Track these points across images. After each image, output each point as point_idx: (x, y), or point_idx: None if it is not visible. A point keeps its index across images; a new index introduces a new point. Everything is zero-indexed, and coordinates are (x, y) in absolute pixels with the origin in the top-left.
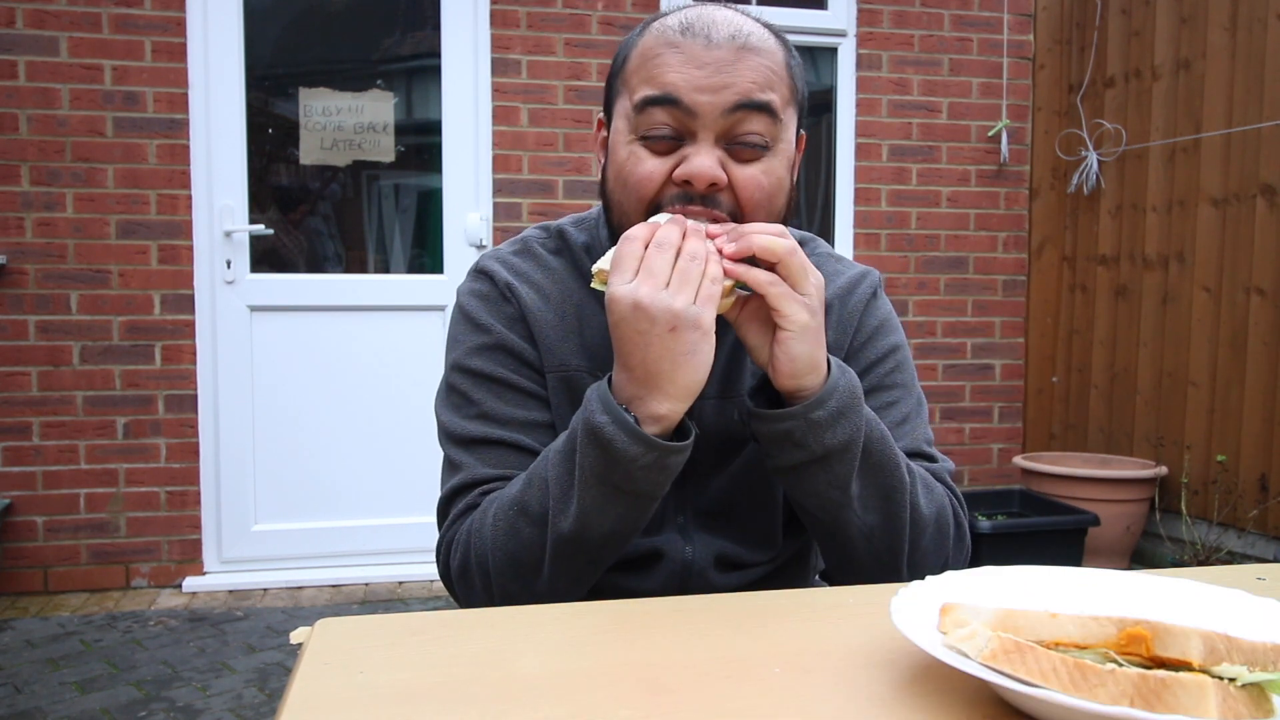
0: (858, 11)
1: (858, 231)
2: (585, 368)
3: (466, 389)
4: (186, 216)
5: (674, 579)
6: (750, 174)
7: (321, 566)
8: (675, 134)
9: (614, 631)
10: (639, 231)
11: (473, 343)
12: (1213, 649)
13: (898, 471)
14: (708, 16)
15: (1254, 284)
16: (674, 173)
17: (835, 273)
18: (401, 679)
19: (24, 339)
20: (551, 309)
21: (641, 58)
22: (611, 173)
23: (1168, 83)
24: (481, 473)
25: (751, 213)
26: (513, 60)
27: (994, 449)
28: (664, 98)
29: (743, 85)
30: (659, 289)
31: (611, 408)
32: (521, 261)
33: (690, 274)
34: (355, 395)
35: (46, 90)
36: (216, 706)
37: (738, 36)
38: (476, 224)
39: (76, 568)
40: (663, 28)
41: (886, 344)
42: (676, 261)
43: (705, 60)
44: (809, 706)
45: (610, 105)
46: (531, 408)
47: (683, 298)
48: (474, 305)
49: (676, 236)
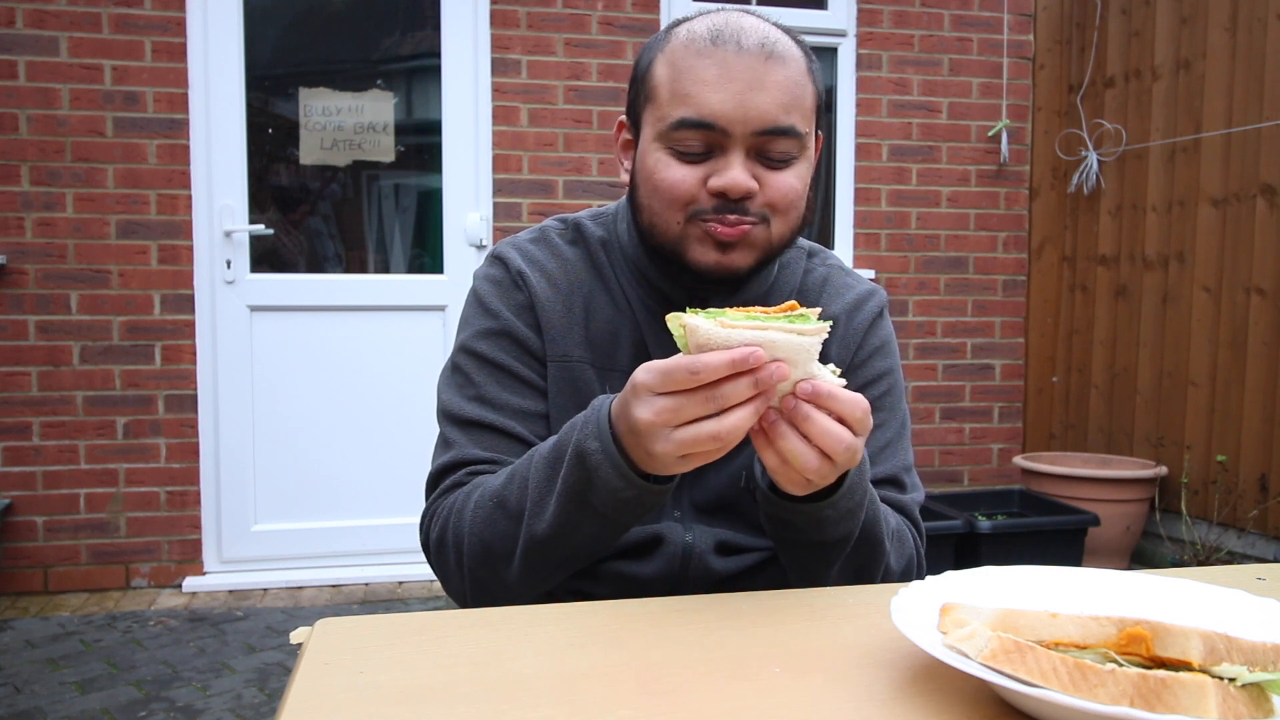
0: (858, 11)
1: (858, 231)
2: (587, 359)
3: (469, 370)
4: (186, 216)
5: (674, 563)
6: (781, 179)
7: (321, 566)
8: (706, 148)
9: (614, 631)
10: (718, 366)
11: (481, 326)
12: (1212, 649)
13: (880, 547)
14: (735, 23)
15: (1254, 284)
16: (708, 182)
17: (845, 286)
18: (401, 679)
19: (24, 339)
20: (560, 299)
21: (673, 68)
22: (641, 178)
23: (1168, 83)
24: (472, 453)
25: (782, 214)
26: (513, 60)
27: (994, 449)
28: (699, 122)
29: (772, 109)
30: (665, 425)
31: (604, 437)
32: (537, 250)
33: (701, 441)
34: (355, 395)
35: (46, 90)
36: (216, 706)
37: (765, 44)
38: (476, 224)
39: (76, 568)
40: (691, 35)
41: (883, 366)
42: (707, 419)
43: (737, 71)
44: (809, 706)
45: (637, 110)
46: (529, 396)
47: (671, 448)
48: (486, 289)
49: (738, 398)
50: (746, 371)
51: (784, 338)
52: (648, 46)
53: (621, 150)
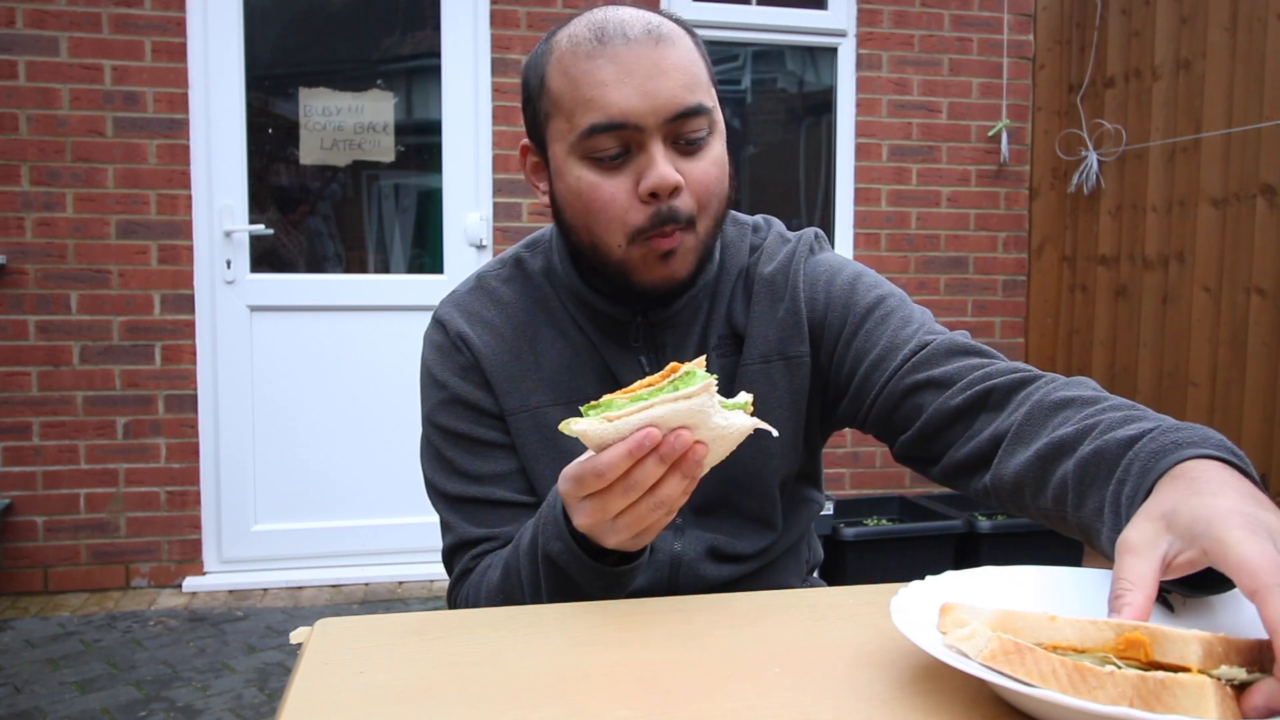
0: (858, 11)
1: (858, 231)
2: (547, 401)
3: (439, 445)
4: (186, 216)
5: (662, 572)
6: (701, 167)
7: (321, 566)
8: (623, 149)
9: (614, 631)
10: (617, 461)
11: (435, 399)
12: (1211, 652)
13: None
14: (615, 17)
15: (1254, 284)
16: (639, 188)
17: (775, 252)
18: (401, 679)
19: (24, 339)
20: (506, 348)
21: (566, 77)
22: (567, 199)
23: (1168, 83)
24: (470, 533)
25: (708, 201)
26: (513, 60)
27: None
28: (610, 124)
29: (676, 92)
30: (603, 522)
31: (564, 536)
32: (475, 300)
33: (644, 520)
34: (355, 395)
35: (46, 90)
36: (216, 706)
37: (651, 30)
38: (476, 224)
39: (76, 568)
40: (574, 39)
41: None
42: (638, 502)
43: (631, 64)
44: (809, 706)
45: (539, 129)
46: (498, 459)
47: (621, 536)
48: (431, 358)
49: (652, 477)
50: (651, 451)
51: (670, 409)
52: (531, 63)
53: (532, 174)
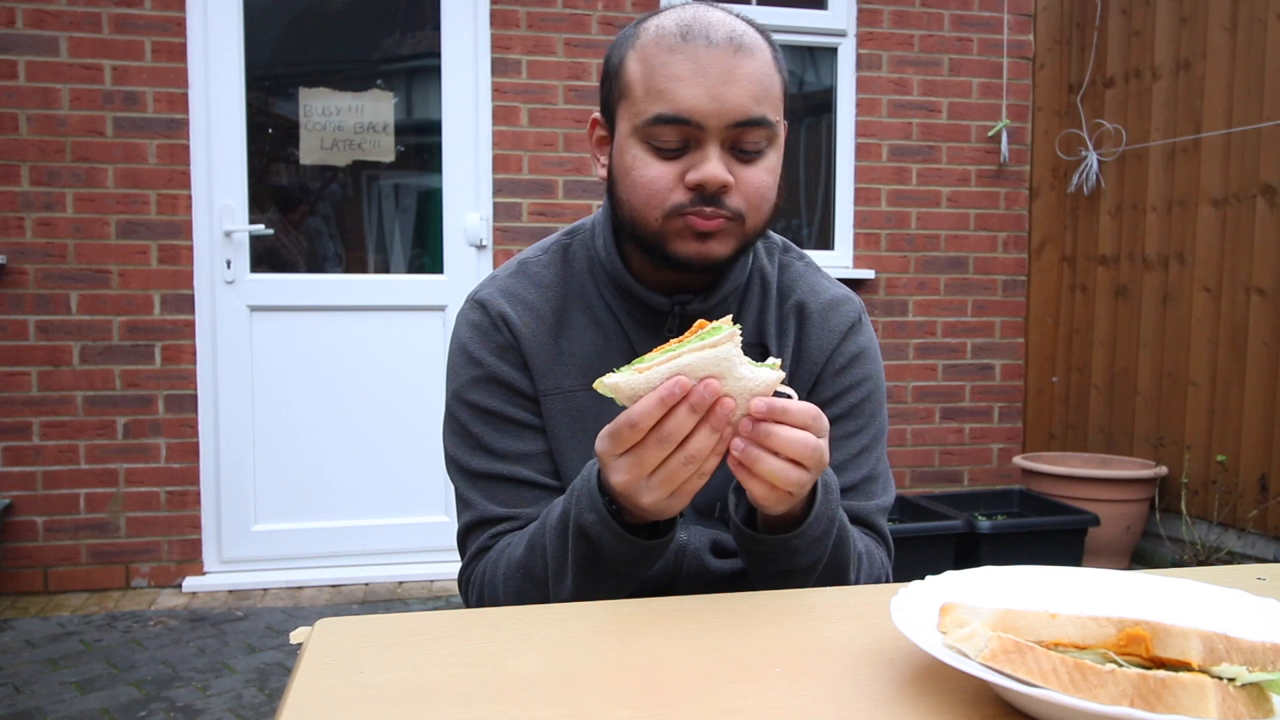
0: (858, 11)
1: (858, 231)
2: (580, 385)
3: (466, 421)
4: (186, 216)
5: (668, 559)
6: (754, 173)
7: (321, 566)
8: (683, 144)
9: (614, 631)
10: (650, 409)
11: (468, 375)
12: (1212, 649)
13: (845, 572)
14: (704, 18)
15: (1254, 284)
16: (685, 177)
17: (819, 286)
18: (401, 679)
19: (24, 339)
20: (545, 330)
21: (645, 65)
22: (620, 174)
23: (1168, 83)
24: (490, 511)
25: (755, 208)
26: (513, 60)
27: (994, 449)
28: (675, 118)
29: (744, 101)
30: (639, 479)
31: (598, 507)
32: (517, 283)
33: (678, 476)
34: (355, 395)
35: (46, 90)
36: (216, 706)
37: (734, 38)
38: (476, 224)
39: (76, 568)
40: (661, 31)
41: (860, 373)
42: (671, 457)
43: (708, 66)
44: (809, 706)
45: (611, 106)
46: (528, 439)
47: (656, 495)
48: (468, 336)
49: (685, 428)
50: (682, 400)
51: (697, 357)
52: (617, 43)
53: (596, 147)
